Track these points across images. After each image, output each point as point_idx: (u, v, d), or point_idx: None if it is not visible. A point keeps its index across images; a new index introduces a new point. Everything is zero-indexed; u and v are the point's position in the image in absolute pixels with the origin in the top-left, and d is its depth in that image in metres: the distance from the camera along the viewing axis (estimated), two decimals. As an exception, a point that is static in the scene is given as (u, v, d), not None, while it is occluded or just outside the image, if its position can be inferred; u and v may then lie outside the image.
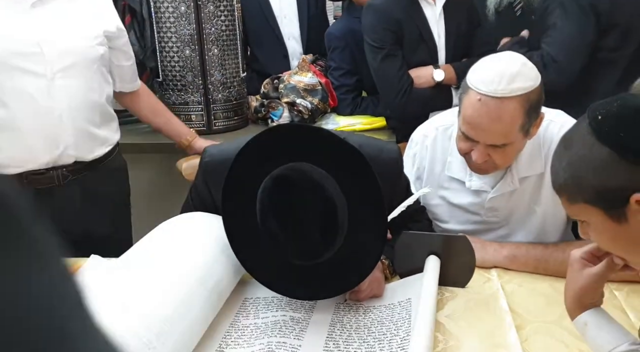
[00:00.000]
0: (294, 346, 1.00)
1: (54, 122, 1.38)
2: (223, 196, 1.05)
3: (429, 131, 1.46)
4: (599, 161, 0.72)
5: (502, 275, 1.25)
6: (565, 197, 0.79)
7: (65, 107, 1.39)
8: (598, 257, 0.84)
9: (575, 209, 0.78)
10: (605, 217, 0.74)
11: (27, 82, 1.34)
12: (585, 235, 0.81)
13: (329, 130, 1.08)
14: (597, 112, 0.74)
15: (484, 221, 1.40)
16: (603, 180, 0.72)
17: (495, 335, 1.03)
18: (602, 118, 0.73)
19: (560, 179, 0.78)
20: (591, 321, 0.83)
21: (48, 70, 1.36)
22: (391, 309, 1.12)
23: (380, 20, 1.94)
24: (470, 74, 1.22)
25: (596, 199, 0.73)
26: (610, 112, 0.73)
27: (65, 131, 1.41)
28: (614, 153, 0.71)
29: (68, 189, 1.46)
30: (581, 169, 0.74)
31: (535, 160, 1.33)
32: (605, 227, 0.75)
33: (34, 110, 1.36)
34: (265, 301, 1.15)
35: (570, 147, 0.77)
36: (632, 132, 0.71)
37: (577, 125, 0.78)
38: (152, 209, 1.76)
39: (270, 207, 0.98)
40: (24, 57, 1.33)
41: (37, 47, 1.35)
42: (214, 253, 1.08)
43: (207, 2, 2.07)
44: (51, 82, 1.37)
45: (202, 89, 2.14)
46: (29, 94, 1.34)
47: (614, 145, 0.71)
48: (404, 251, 1.21)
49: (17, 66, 1.32)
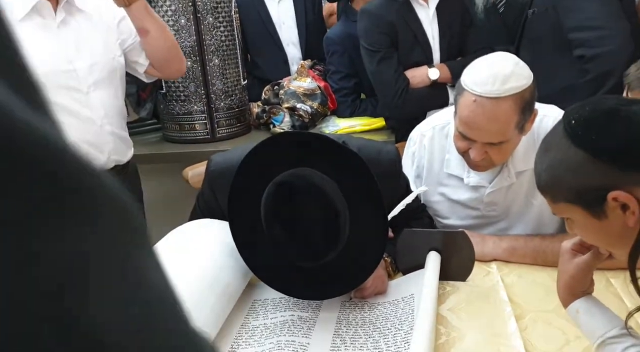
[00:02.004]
0: (303, 343, 1.04)
1: (97, 131, 1.50)
2: (229, 203, 1.10)
3: (426, 130, 1.49)
4: (575, 163, 0.76)
5: (501, 267, 1.28)
6: (548, 197, 0.83)
7: (103, 115, 1.51)
8: (587, 247, 0.88)
9: (559, 208, 0.82)
10: (587, 214, 0.77)
11: (68, 97, 1.44)
12: (571, 231, 0.85)
13: (327, 136, 1.12)
14: (570, 117, 0.78)
15: (483, 215, 1.44)
16: (581, 181, 0.76)
17: (496, 325, 1.07)
18: (575, 122, 0.77)
19: (542, 181, 0.82)
20: (583, 308, 0.87)
21: (83, 84, 1.46)
22: (395, 305, 1.16)
23: (375, 24, 1.98)
24: (464, 75, 1.26)
25: (576, 199, 0.77)
26: (582, 116, 0.77)
27: (106, 138, 1.53)
28: (588, 155, 0.74)
29: None
30: (560, 171, 0.78)
31: (530, 155, 1.36)
32: (588, 223, 0.78)
33: (79, 122, 1.46)
34: (274, 302, 1.19)
35: (549, 150, 0.81)
36: (603, 134, 0.75)
37: (554, 130, 0.81)
38: (160, 217, 1.81)
39: (274, 213, 1.02)
40: (61, 74, 1.42)
41: (70, 65, 1.44)
42: (223, 258, 1.13)
43: (206, 14, 2.12)
44: (87, 95, 1.47)
45: (204, 98, 2.19)
46: (71, 108, 1.44)
47: (588, 148, 0.75)
48: (405, 248, 1.25)
49: (57, 83, 1.41)
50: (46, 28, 1.42)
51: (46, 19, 1.42)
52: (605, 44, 1.60)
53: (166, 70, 1.70)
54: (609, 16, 1.62)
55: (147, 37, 1.62)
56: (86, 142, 1.48)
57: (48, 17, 1.42)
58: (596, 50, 1.61)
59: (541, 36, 1.78)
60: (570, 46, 1.68)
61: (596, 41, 1.61)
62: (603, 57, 1.59)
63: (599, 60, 1.60)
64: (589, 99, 0.82)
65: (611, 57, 1.59)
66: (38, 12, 1.40)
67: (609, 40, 1.60)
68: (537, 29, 1.80)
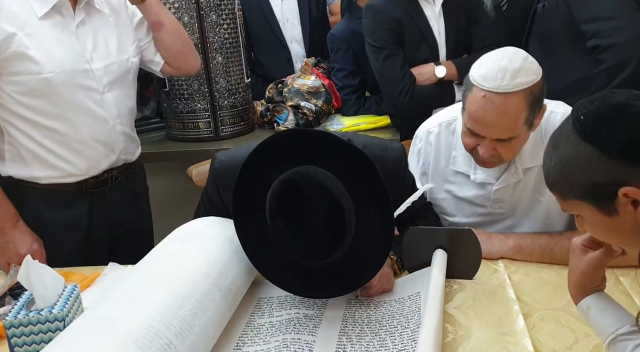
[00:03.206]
0: (308, 341, 1.03)
1: (109, 130, 1.51)
2: (233, 201, 1.09)
3: (432, 127, 1.48)
4: (584, 159, 0.75)
5: (508, 265, 1.27)
6: (557, 194, 0.82)
7: (115, 115, 1.52)
8: (598, 244, 0.87)
9: (568, 205, 0.81)
10: (597, 211, 0.76)
11: (85, 96, 1.45)
12: (581, 228, 0.83)
13: (332, 133, 1.11)
14: (579, 112, 0.77)
15: (490, 212, 1.42)
16: (590, 177, 0.75)
17: (503, 324, 1.06)
18: (584, 118, 0.76)
19: (551, 177, 0.81)
20: (594, 305, 0.85)
21: (98, 84, 1.47)
22: (401, 303, 1.15)
23: (380, 21, 1.97)
24: (473, 70, 1.24)
25: (586, 195, 0.76)
26: (591, 112, 0.76)
27: (117, 138, 1.54)
28: (598, 150, 0.73)
29: (118, 189, 1.60)
30: (569, 167, 0.77)
31: (538, 151, 1.35)
32: (598, 220, 0.77)
33: (93, 122, 1.47)
34: (279, 300, 1.19)
35: (558, 146, 0.79)
36: (613, 130, 0.73)
37: (563, 125, 0.80)
38: (165, 215, 1.81)
39: (279, 211, 1.01)
40: (79, 74, 1.43)
41: (88, 65, 1.45)
42: (228, 255, 1.12)
43: (210, 11, 2.11)
44: (102, 95, 1.48)
45: (208, 96, 2.19)
46: (87, 107, 1.46)
47: (597, 143, 0.73)
48: (412, 246, 1.24)
49: (76, 83, 1.43)
50: (65, 27, 1.43)
51: (65, 18, 1.43)
52: (621, 34, 1.59)
53: (183, 65, 1.71)
54: (624, 7, 1.62)
55: (161, 31, 1.63)
56: (99, 141, 1.49)
57: (67, 16, 1.43)
58: (611, 40, 1.60)
59: (551, 30, 1.77)
60: (581, 39, 1.66)
61: (611, 31, 1.60)
62: (619, 47, 1.59)
63: (614, 49, 1.59)
64: (598, 93, 0.81)
65: (627, 47, 1.58)
66: (58, 11, 1.41)
67: (624, 30, 1.59)
68: (547, 24, 1.78)
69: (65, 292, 1.04)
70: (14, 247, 1.43)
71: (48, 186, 1.47)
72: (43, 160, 1.45)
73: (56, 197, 1.48)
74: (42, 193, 1.47)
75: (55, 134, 1.43)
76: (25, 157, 1.45)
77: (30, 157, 1.44)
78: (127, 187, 1.63)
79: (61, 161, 1.46)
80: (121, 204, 1.61)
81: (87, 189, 1.52)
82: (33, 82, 1.37)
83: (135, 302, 0.91)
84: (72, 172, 1.48)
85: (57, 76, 1.38)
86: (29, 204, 1.47)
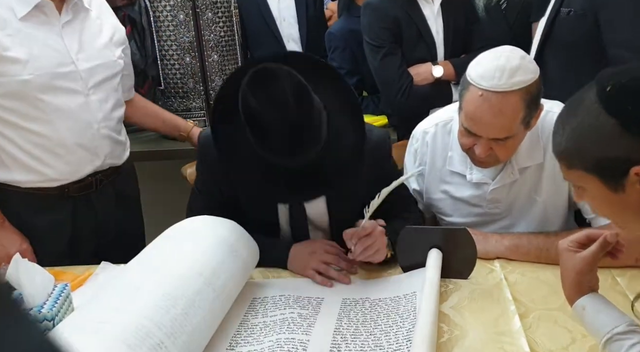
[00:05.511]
0: (303, 341, 1.02)
1: (94, 134, 1.46)
2: (213, 114, 1.15)
3: (428, 127, 1.47)
4: (603, 131, 0.72)
5: (505, 265, 1.26)
6: (564, 163, 0.79)
7: (101, 119, 1.47)
8: (583, 244, 0.86)
9: (573, 175, 0.78)
10: (602, 185, 0.74)
11: (68, 99, 1.40)
12: (579, 199, 0.81)
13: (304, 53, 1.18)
14: (605, 83, 0.73)
15: (486, 212, 1.42)
16: (605, 150, 0.72)
17: (500, 324, 1.05)
18: (611, 89, 0.72)
19: (562, 145, 0.78)
20: (589, 305, 0.85)
21: (84, 86, 1.43)
22: (396, 302, 1.14)
23: (379, 19, 1.96)
24: (470, 69, 1.23)
25: (595, 168, 0.74)
26: (620, 84, 0.73)
27: (102, 142, 1.48)
28: (619, 125, 0.71)
29: (103, 193, 1.55)
30: (584, 137, 0.74)
31: (534, 151, 1.34)
32: (602, 195, 0.75)
33: (76, 125, 1.42)
34: (273, 300, 1.17)
35: (576, 114, 0.76)
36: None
37: (585, 93, 0.76)
38: (158, 214, 1.79)
39: (249, 91, 1.04)
40: (64, 76, 1.39)
41: (73, 66, 1.41)
42: (221, 255, 1.11)
43: (205, 9, 2.10)
44: (87, 98, 1.43)
45: (203, 94, 2.17)
46: (71, 110, 1.41)
47: (621, 117, 0.71)
48: (407, 246, 1.23)
49: (59, 86, 1.38)
50: (50, 27, 1.39)
51: (50, 18, 1.39)
52: None
53: None
54: None
55: None
56: (81, 146, 1.44)
57: (52, 16, 1.39)
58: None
59: (574, 41, 1.64)
60: (605, 57, 1.56)
61: None
62: None
63: None
64: (627, 65, 0.77)
65: None
66: (41, 11, 1.37)
67: None
68: (569, 33, 1.65)
69: (55, 291, 1.03)
70: (3, 248, 1.40)
71: (29, 189, 1.42)
72: (24, 163, 1.40)
73: (38, 201, 1.44)
74: (24, 197, 1.42)
75: (36, 137, 1.38)
76: (5, 161, 1.40)
77: (10, 160, 1.40)
78: (114, 190, 1.58)
79: (42, 165, 1.41)
80: (108, 208, 1.57)
81: (70, 193, 1.47)
82: (11, 84, 1.32)
83: (127, 301, 0.90)
84: (53, 177, 1.43)
85: (37, 78, 1.33)
86: (11, 208, 1.43)
